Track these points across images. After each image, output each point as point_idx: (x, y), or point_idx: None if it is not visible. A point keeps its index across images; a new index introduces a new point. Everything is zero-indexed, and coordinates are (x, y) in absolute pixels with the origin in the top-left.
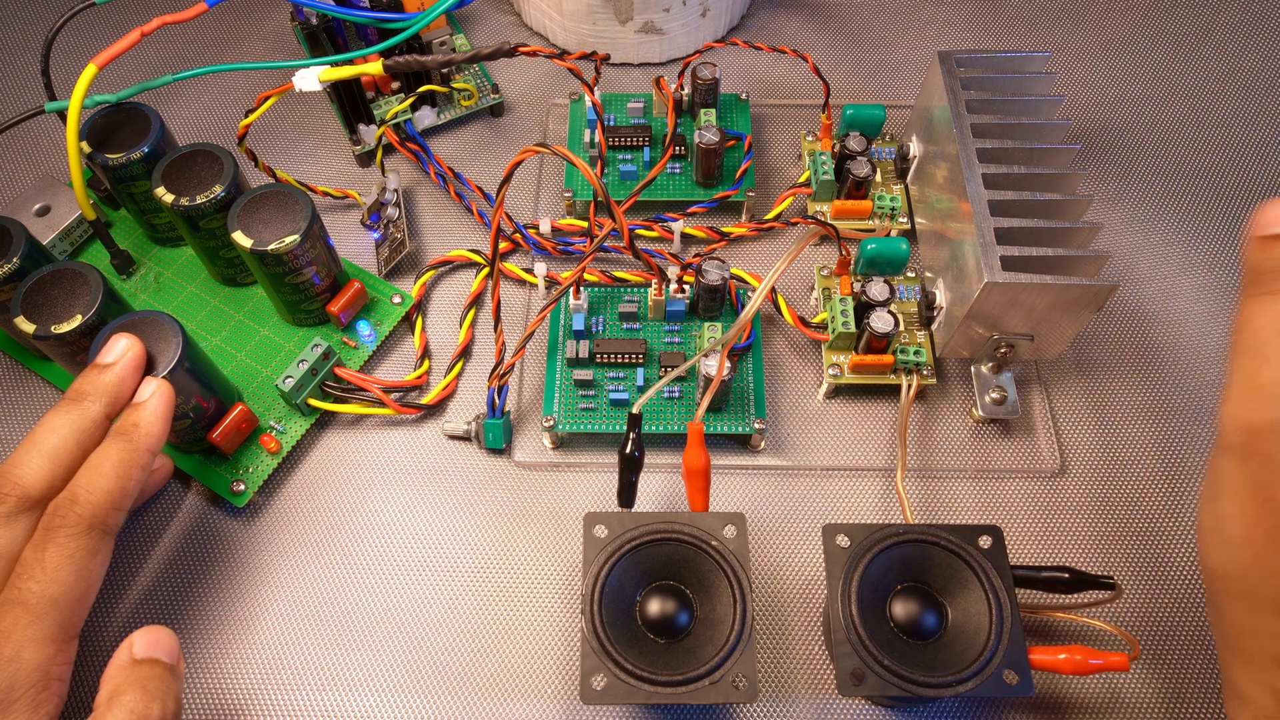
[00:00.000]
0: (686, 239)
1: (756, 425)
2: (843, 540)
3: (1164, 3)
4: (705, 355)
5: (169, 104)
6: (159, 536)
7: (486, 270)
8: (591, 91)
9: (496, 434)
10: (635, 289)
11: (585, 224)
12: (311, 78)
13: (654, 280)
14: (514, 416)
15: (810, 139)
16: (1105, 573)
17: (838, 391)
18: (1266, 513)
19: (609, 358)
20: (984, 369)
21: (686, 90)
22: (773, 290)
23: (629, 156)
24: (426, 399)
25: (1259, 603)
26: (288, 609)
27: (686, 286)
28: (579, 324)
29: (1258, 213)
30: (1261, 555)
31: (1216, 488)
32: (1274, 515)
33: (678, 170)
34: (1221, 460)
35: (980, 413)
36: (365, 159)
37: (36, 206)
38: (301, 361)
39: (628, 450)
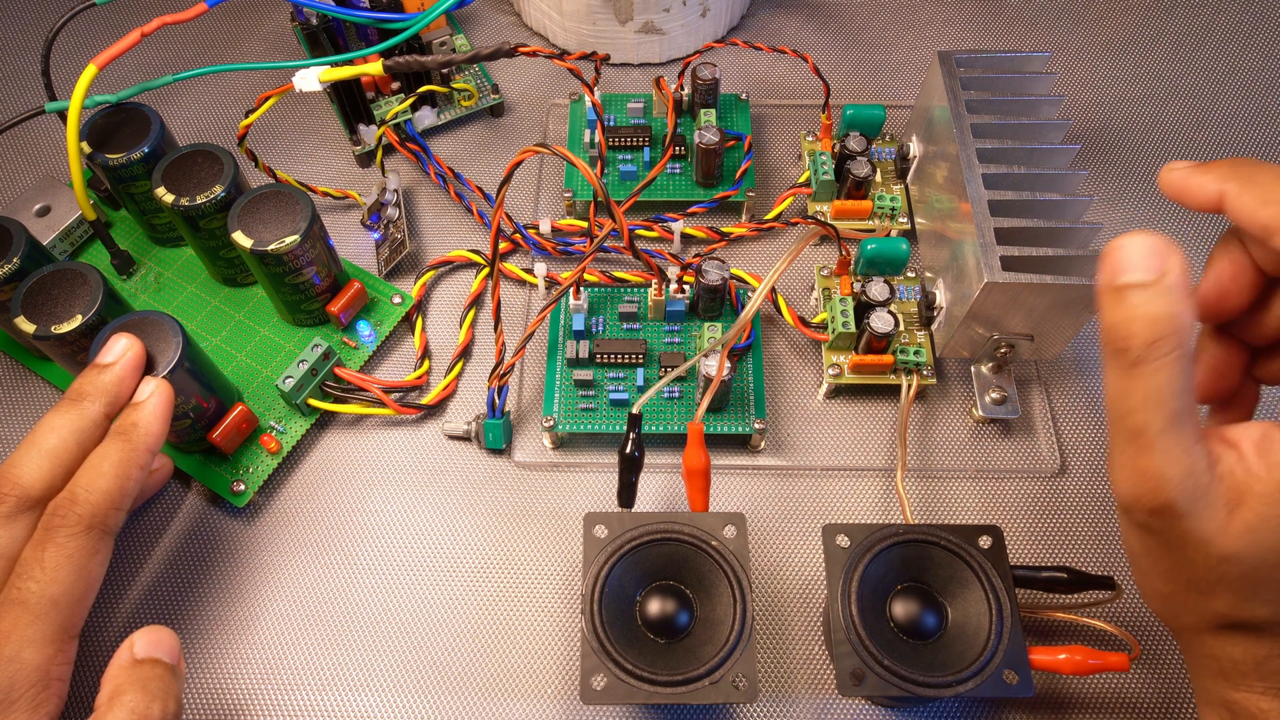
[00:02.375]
0: (686, 239)
1: (756, 425)
2: (843, 540)
3: (1164, 3)
4: (705, 355)
5: (169, 104)
6: (159, 536)
7: (486, 270)
8: (591, 92)
9: (496, 434)
10: (635, 289)
11: (585, 224)
12: (311, 78)
13: (654, 280)
14: (514, 416)
15: (810, 139)
16: (1105, 573)
17: (838, 391)
18: (1181, 568)
19: (609, 358)
20: (984, 369)
21: (686, 90)
22: (773, 290)
23: (629, 156)
24: (426, 399)
25: (1196, 634)
26: (288, 609)
27: (686, 286)
28: (579, 324)
29: (1105, 254)
30: (1183, 599)
31: (1131, 544)
32: (1188, 570)
33: (678, 170)
34: (1130, 528)
35: (980, 413)
36: (365, 159)
37: (37, 207)
38: (301, 361)
39: (628, 450)
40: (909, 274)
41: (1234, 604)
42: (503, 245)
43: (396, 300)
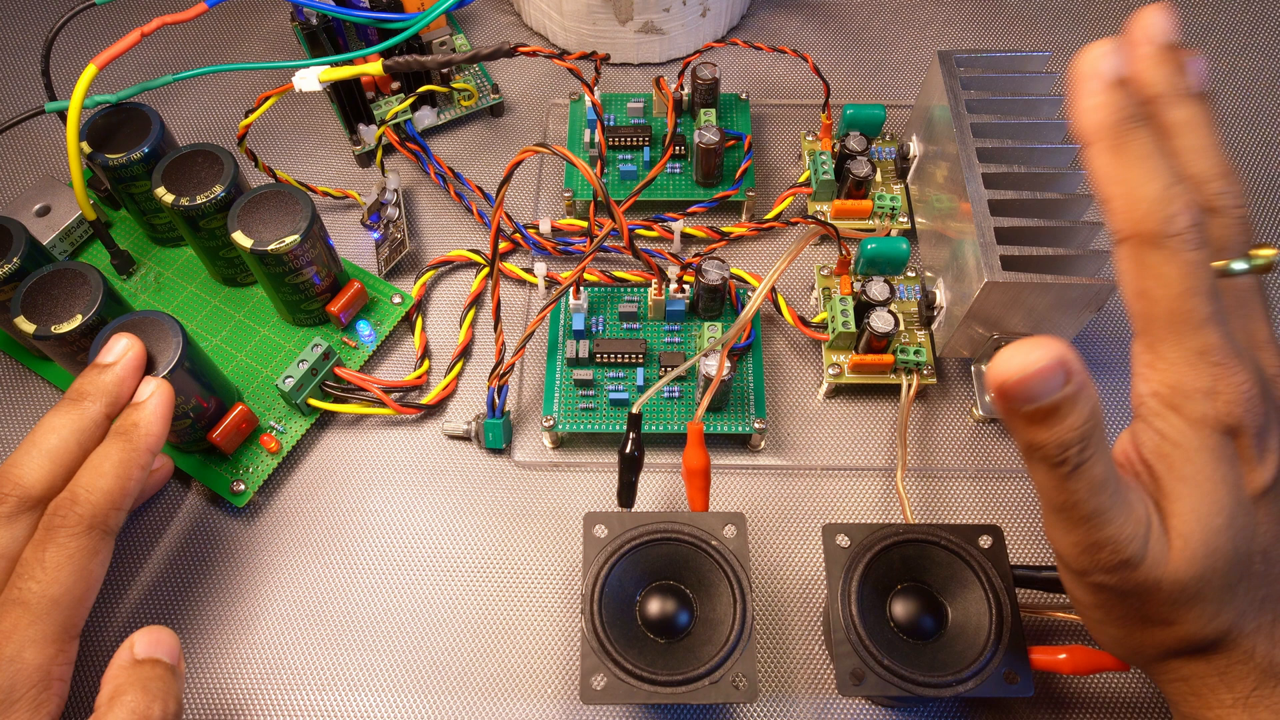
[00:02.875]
0: (686, 239)
1: (756, 425)
2: (843, 540)
3: (1164, 3)
4: (705, 355)
5: (169, 104)
6: (159, 536)
7: (486, 270)
8: (591, 91)
9: (496, 434)
10: (635, 289)
11: (585, 224)
12: (311, 78)
13: (654, 280)
14: (514, 416)
15: (810, 139)
16: None
17: (838, 391)
18: (1136, 610)
19: (609, 358)
20: (984, 369)
21: (686, 90)
22: (773, 290)
23: (629, 156)
24: (426, 399)
25: (1160, 662)
26: (288, 609)
27: (686, 286)
28: (579, 324)
29: (1003, 385)
30: (1141, 637)
31: (1082, 600)
32: (1143, 610)
33: (678, 170)
34: (1079, 587)
35: (980, 413)
36: (365, 159)
37: (37, 206)
38: (301, 361)
39: (628, 450)
40: (909, 274)
41: (1196, 625)
42: (503, 245)
43: (396, 300)
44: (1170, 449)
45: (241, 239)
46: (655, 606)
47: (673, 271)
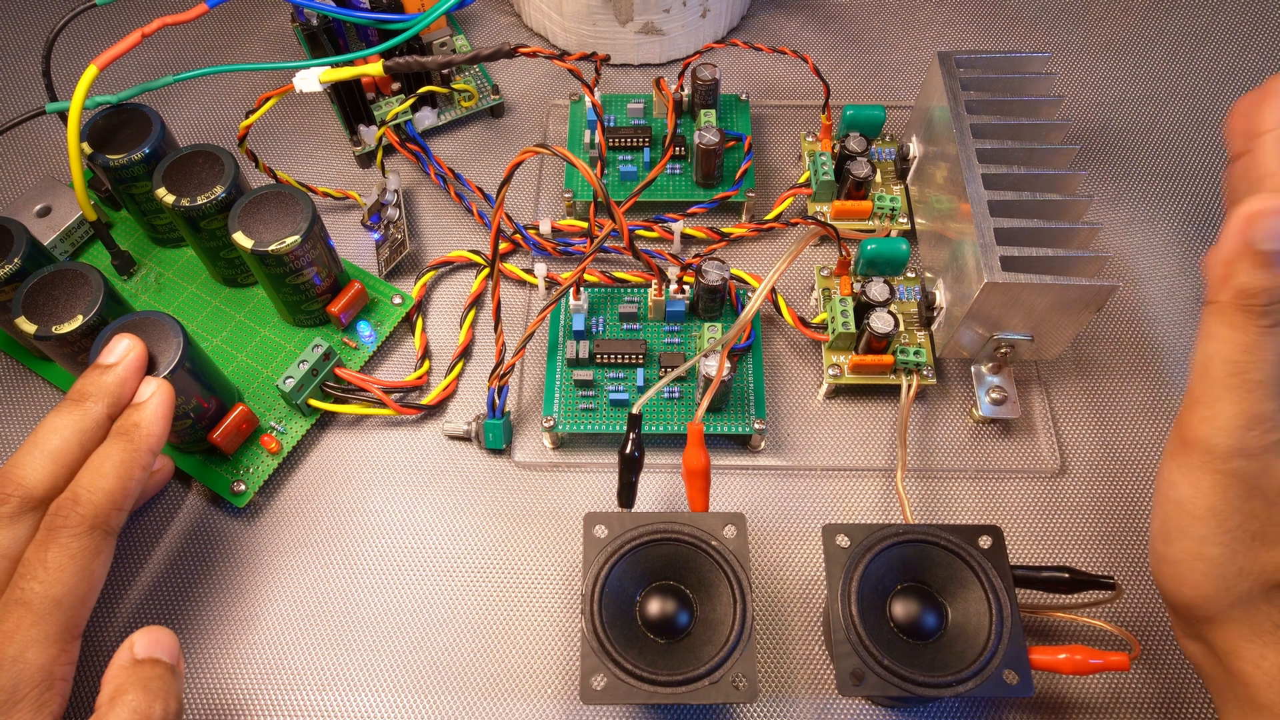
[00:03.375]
0: (686, 239)
1: (756, 425)
2: (843, 540)
3: (1164, 3)
4: (705, 355)
5: (170, 105)
6: (159, 537)
7: (486, 271)
8: (591, 92)
9: (497, 434)
10: (635, 289)
11: (585, 224)
12: (312, 79)
13: (654, 281)
14: (514, 417)
15: (810, 139)
16: (1105, 573)
17: (838, 391)
18: (1257, 518)
19: (609, 358)
20: (984, 369)
21: (686, 91)
22: (773, 290)
23: (629, 157)
24: (427, 399)
25: (1245, 603)
26: (288, 609)
27: (686, 287)
28: (579, 324)
29: (1244, 216)
30: (1243, 559)
31: (1202, 503)
32: (1266, 519)
33: (678, 171)
34: (1210, 481)
35: (980, 413)
36: (366, 160)
37: (38, 207)
38: (302, 362)
39: (628, 450)
40: (909, 274)
41: None
42: (503, 245)
43: (397, 300)
44: None
45: (242, 240)
46: (655, 607)
47: (673, 272)
